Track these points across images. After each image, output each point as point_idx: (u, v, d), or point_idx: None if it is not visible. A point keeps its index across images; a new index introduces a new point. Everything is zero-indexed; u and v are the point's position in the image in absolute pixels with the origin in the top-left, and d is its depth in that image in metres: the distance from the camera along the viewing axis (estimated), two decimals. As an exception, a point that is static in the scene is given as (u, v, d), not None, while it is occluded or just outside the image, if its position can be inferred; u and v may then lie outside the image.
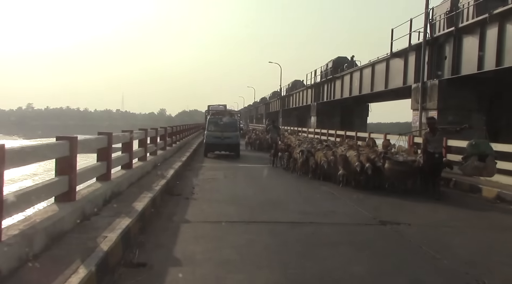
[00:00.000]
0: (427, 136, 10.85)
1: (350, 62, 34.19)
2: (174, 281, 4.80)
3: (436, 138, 10.75)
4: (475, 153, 11.03)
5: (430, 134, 10.78)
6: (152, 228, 6.96)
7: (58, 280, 3.95)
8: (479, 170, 11.12)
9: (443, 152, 11.92)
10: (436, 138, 10.77)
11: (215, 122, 21.90)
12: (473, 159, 11.03)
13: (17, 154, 4.90)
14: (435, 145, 10.70)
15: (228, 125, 21.53)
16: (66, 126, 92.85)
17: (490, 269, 5.57)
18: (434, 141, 10.70)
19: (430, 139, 10.70)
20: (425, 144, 10.80)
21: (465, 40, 17.54)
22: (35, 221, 5.01)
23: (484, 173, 11.20)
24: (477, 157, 10.95)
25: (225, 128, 21.18)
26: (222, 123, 21.64)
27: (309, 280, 4.93)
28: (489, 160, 10.90)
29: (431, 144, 10.65)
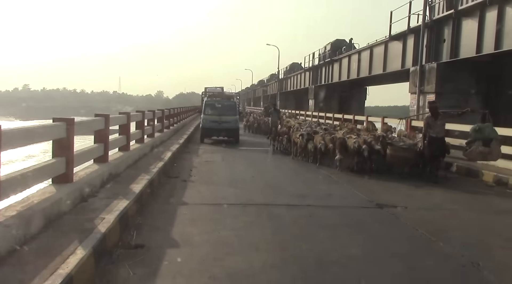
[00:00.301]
0: (428, 120, 10.69)
1: (349, 45, 33.97)
2: (171, 262, 4.82)
3: (438, 123, 10.57)
4: (480, 137, 10.84)
5: (431, 118, 10.62)
6: (149, 210, 6.98)
7: (56, 261, 3.97)
8: (484, 155, 10.97)
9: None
10: (438, 122, 10.59)
11: (212, 105, 20.14)
12: (477, 143, 10.86)
13: (14, 135, 4.88)
14: (437, 129, 10.55)
15: (226, 109, 19.89)
16: (64, 108, 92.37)
17: (485, 251, 5.63)
18: (436, 125, 10.54)
19: (431, 124, 10.55)
20: (426, 128, 10.66)
21: (464, 23, 17.40)
22: (32, 202, 5.02)
23: (489, 157, 11.05)
24: (482, 141, 10.79)
25: (223, 112, 19.58)
26: (220, 107, 19.98)
27: (306, 262, 4.97)
28: (494, 144, 10.76)
29: (432, 128, 10.52)
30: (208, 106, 20.14)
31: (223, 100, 20.75)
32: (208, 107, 20.03)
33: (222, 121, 19.13)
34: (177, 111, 25.70)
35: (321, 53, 37.96)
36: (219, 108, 19.87)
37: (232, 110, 20.10)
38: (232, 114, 19.79)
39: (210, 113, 19.66)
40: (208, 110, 19.88)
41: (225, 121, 19.20)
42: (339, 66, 32.73)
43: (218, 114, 19.38)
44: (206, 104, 20.33)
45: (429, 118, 10.71)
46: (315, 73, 39.18)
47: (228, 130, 19.27)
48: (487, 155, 10.95)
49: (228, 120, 19.29)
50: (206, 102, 20.61)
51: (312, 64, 40.26)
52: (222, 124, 19.12)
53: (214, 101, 20.52)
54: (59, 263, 3.92)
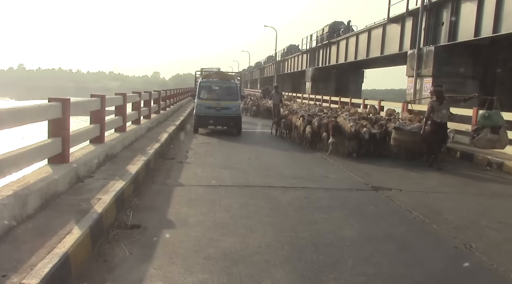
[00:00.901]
0: (433, 104, 10.33)
1: (347, 27, 33.76)
2: (167, 242, 4.86)
3: (443, 107, 10.25)
4: (488, 124, 10.58)
5: (436, 102, 10.28)
6: (145, 191, 7.01)
7: (53, 240, 3.99)
8: (492, 142, 10.70)
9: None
10: (443, 107, 10.26)
11: (208, 87, 16.58)
12: (486, 131, 10.61)
13: (9, 115, 4.86)
14: (441, 114, 10.24)
15: (226, 92, 16.47)
16: (60, 88, 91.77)
17: (477, 233, 5.69)
18: (441, 110, 10.23)
19: (436, 108, 10.24)
20: (430, 112, 10.35)
21: (463, 5, 17.30)
22: (28, 182, 5.02)
23: (498, 145, 10.75)
24: (490, 129, 10.54)
25: (222, 95, 16.24)
26: (218, 89, 16.57)
27: (301, 243, 5.01)
28: (502, 131, 10.55)
29: (436, 113, 10.23)
30: (204, 88, 16.49)
31: (221, 82, 17.13)
32: (204, 90, 16.41)
33: (221, 107, 15.69)
34: (174, 93, 25.60)
35: (318, 35, 37.74)
36: (217, 92, 16.48)
37: (233, 94, 16.53)
38: (233, 98, 16.26)
39: (205, 97, 16.19)
40: (204, 93, 16.33)
41: (225, 108, 15.75)
42: (336, 49, 32.57)
43: (216, 98, 15.98)
44: (201, 87, 16.56)
45: (434, 102, 10.35)
46: (312, 55, 39.00)
47: (228, 119, 15.85)
48: (495, 142, 10.68)
49: (228, 106, 15.81)
50: (201, 84, 16.72)
51: (309, 46, 40.06)
52: (221, 111, 15.70)
53: (211, 83, 16.92)
54: (56, 242, 3.95)
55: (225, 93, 16.46)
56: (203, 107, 15.81)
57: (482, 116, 10.79)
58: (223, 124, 16.13)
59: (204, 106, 15.79)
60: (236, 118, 15.95)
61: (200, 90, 16.41)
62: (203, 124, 16.21)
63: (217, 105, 15.69)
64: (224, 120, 15.93)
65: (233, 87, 16.94)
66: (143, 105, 13.90)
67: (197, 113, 15.93)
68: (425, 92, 18.61)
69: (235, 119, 15.94)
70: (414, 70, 19.42)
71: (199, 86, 16.66)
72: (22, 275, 3.33)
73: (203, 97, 16.18)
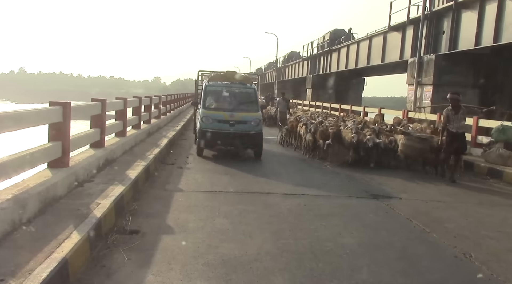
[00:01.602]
0: (448, 113, 9.75)
1: (348, 35, 33.82)
2: (166, 248, 4.84)
3: (458, 117, 9.67)
4: (502, 139, 10.14)
5: (452, 111, 9.71)
6: (145, 196, 7.00)
7: (51, 245, 3.98)
8: (503, 158, 10.31)
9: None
10: (459, 116, 9.68)
11: (217, 93, 12.30)
12: (498, 145, 10.22)
13: (9, 118, 4.86)
14: (457, 124, 9.66)
15: (241, 100, 12.34)
16: (60, 92, 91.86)
17: (477, 243, 5.67)
18: (456, 120, 9.66)
19: (451, 118, 9.66)
20: (445, 122, 9.79)
21: (464, 15, 17.35)
22: (28, 186, 5.01)
23: (509, 161, 10.25)
24: (504, 143, 10.07)
25: (237, 104, 12.01)
26: (231, 96, 12.28)
27: (300, 251, 5.00)
28: None
29: (452, 123, 9.67)
30: (211, 94, 12.24)
31: (235, 86, 12.60)
32: (211, 97, 12.18)
33: (236, 121, 11.42)
34: (174, 98, 25.63)
35: (319, 42, 37.80)
36: (230, 99, 12.24)
37: (252, 103, 12.35)
38: (252, 109, 12.06)
39: (214, 106, 11.98)
40: (211, 101, 12.12)
41: (241, 121, 11.47)
42: (337, 56, 32.63)
43: (229, 108, 11.80)
44: (206, 92, 12.20)
45: (449, 111, 9.75)
46: (313, 62, 39.06)
47: (246, 137, 11.50)
48: (507, 158, 10.23)
49: (245, 120, 11.54)
50: (208, 89, 12.28)
51: (310, 53, 40.11)
52: (236, 126, 11.41)
53: (221, 87, 12.47)
54: (54, 247, 3.94)
55: (241, 101, 12.25)
56: (211, 121, 11.35)
57: (496, 129, 10.22)
58: (238, 144, 11.76)
59: (212, 119, 11.36)
60: (256, 137, 11.50)
61: (205, 96, 12.05)
62: (210, 144, 11.60)
63: (230, 118, 11.33)
64: (239, 139, 11.46)
65: (251, 93, 12.53)
66: (144, 110, 13.90)
67: (203, 128, 11.30)
68: (425, 100, 18.64)
69: (254, 138, 11.47)
70: (415, 78, 19.44)
71: (205, 91, 12.23)
72: (20, 280, 3.31)
73: (210, 106, 11.91)
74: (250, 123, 11.53)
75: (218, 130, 11.28)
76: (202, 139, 11.46)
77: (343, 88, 36.77)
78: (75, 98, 34.07)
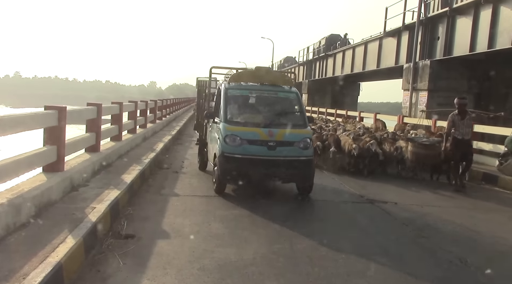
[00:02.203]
0: (454, 118, 9.35)
1: (343, 40, 33.96)
2: (162, 253, 4.82)
3: (465, 123, 9.31)
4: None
5: (458, 117, 9.32)
6: (140, 201, 6.97)
7: (46, 249, 3.96)
8: None
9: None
10: (465, 122, 9.32)
11: (244, 100, 8.41)
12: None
13: (4, 122, 4.85)
14: (463, 131, 9.30)
15: (281, 109, 8.55)
16: (56, 96, 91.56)
17: (472, 248, 5.69)
18: (462, 125, 9.30)
19: (457, 123, 9.30)
20: (450, 127, 9.40)
21: (459, 21, 17.45)
22: (22, 190, 4.99)
23: None
24: None
25: (275, 116, 8.26)
26: (264, 103, 8.50)
27: (296, 255, 5.00)
28: None
29: (458, 129, 9.31)
30: (235, 102, 8.38)
31: (269, 88, 8.66)
32: (235, 105, 8.36)
33: (276, 141, 7.65)
34: (170, 103, 25.63)
35: (315, 47, 37.93)
36: (264, 108, 8.44)
37: (295, 114, 8.55)
38: (297, 123, 8.18)
39: (242, 120, 8.08)
40: (235, 111, 8.25)
41: (284, 142, 7.72)
42: (333, 61, 32.72)
43: (264, 122, 7.95)
44: (228, 98, 8.29)
45: (455, 116, 9.35)
46: (309, 67, 39.16)
47: (292, 166, 7.68)
48: None
49: (290, 139, 7.77)
50: (230, 93, 8.37)
51: (306, 58, 40.24)
52: (278, 149, 7.64)
53: (250, 91, 8.48)
54: (49, 251, 3.92)
55: (280, 111, 8.41)
56: (239, 142, 7.55)
57: (509, 140, 9.79)
58: (280, 176, 7.73)
59: (242, 139, 7.55)
60: (306, 166, 7.71)
61: (227, 105, 8.13)
62: (237, 177, 7.65)
63: (269, 138, 7.57)
64: (283, 169, 7.62)
65: (294, 100, 8.64)
66: (139, 115, 13.88)
67: (227, 153, 7.55)
68: (420, 106, 18.70)
69: (304, 167, 7.68)
70: (410, 84, 19.51)
71: (225, 96, 8.23)
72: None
73: (235, 119, 7.99)
74: (298, 145, 7.64)
75: (252, 157, 7.43)
76: (225, 171, 7.48)
77: (339, 93, 36.89)
78: (70, 103, 33.93)
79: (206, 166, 9.65)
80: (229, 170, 7.53)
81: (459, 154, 9.41)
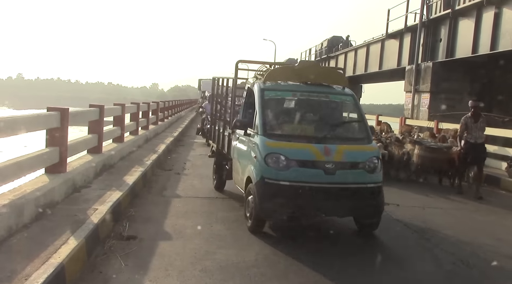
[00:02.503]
0: (467, 121, 9.04)
1: (345, 42, 33.95)
2: (163, 254, 4.82)
3: (478, 126, 8.99)
4: None
5: (471, 119, 9.02)
6: (142, 202, 6.98)
7: (48, 250, 3.96)
8: None
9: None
10: (479, 126, 9.00)
11: (289, 105, 6.62)
12: None
13: (7, 124, 4.86)
14: (476, 134, 8.97)
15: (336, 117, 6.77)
16: (58, 98, 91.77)
17: (475, 250, 5.67)
18: (475, 129, 8.98)
19: (470, 126, 8.99)
20: (463, 130, 9.09)
21: (461, 23, 17.44)
22: (25, 191, 5.00)
23: None
24: None
25: (330, 128, 6.29)
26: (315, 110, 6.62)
27: (299, 257, 4.98)
28: None
29: (470, 132, 9.00)
30: (276, 108, 6.46)
31: (318, 89, 6.56)
32: (276, 111, 6.41)
33: (336, 162, 5.57)
34: (172, 104, 25.65)
35: (317, 49, 37.94)
36: (315, 117, 6.60)
37: (354, 124, 6.69)
38: (358, 135, 6.36)
39: (284, 131, 6.11)
40: (275, 119, 6.29)
41: (345, 163, 5.67)
42: (335, 63, 32.71)
43: (318, 136, 5.99)
44: (266, 103, 6.22)
45: (468, 119, 9.05)
46: (311, 69, 39.13)
47: (355, 198, 5.68)
48: None
49: (352, 159, 5.75)
50: (267, 96, 6.30)
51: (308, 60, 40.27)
52: (338, 174, 5.54)
53: (294, 92, 6.54)
54: (51, 252, 3.92)
55: (334, 121, 6.67)
56: (285, 162, 5.54)
57: None
58: (341, 210, 5.75)
59: (288, 159, 5.54)
60: (374, 194, 5.82)
61: (265, 112, 6.17)
62: (283, 210, 5.50)
63: (325, 157, 5.60)
64: (345, 199, 5.68)
65: (350, 105, 6.87)
66: (141, 116, 13.89)
67: (268, 178, 5.53)
68: (422, 108, 18.68)
69: (372, 197, 5.81)
70: (412, 85, 19.49)
71: (261, 100, 6.23)
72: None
73: (276, 131, 6.09)
74: (364, 167, 5.70)
75: (304, 184, 5.43)
76: (266, 204, 5.46)
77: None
78: (73, 104, 33.93)
79: (224, 186, 8.04)
80: (272, 202, 5.38)
81: (469, 157, 9.13)
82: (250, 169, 5.86)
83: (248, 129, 6.21)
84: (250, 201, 5.77)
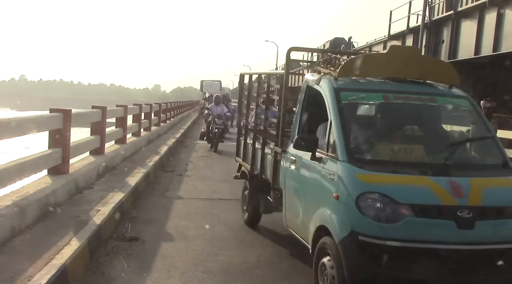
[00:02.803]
0: None
1: (348, 43, 33.90)
2: (166, 255, 4.83)
3: None
4: None
5: None
6: (145, 203, 6.98)
7: (51, 251, 3.97)
8: None
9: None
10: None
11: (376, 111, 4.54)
12: None
13: (10, 125, 4.87)
14: None
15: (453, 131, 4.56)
16: (61, 99, 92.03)
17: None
18: None
19: None
20: None
21: (464, 24, 17.42)
22: (28, 192, 5.00)
23: None
24: None
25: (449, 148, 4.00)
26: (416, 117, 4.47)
27: (302, 258, 4.97)
28: None
29: None
30: (362, 115, 4.65)
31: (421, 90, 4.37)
32: (364, 124, 4.34)
33: (472, 207, 3.39)
34: (174, 106, 25.67)
35: (319, 51, 37.91)
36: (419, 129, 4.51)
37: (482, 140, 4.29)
38: (493, 159, 4.07)
39: (382, 156, 3.86)
40: (364, 137, 4.09)
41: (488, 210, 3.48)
42: (337, 65, 32.69)
43: (432, 161, 4.00)
44: (344, 108, 4.02)
45: None
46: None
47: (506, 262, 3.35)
48: None
49: (497, 202, 3.56)
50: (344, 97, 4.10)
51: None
52: (478, 227, 3.35)
53: (385, 90, 4.29)
54: (54, 253, 3.92)
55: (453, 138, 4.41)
56: (392, 209, 3.36)
57: None
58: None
59: (398, 203, 3.36)
60: None
61: (344, 123, 3.90)
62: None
63: (455, 199, 3.43)
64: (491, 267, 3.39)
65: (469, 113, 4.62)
66: (144, 118, 13.91)
67: (365, 235, 3.34)
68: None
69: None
70: (415, 87, 19.48)
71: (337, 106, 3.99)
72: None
73: (368, 155, 3.89)
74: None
75: (427, 245, 3.39)
76: (362, 274, 3.37)
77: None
78: (75, 106, 34.00)
79: (259, 220, 6.13)
80: (373, 275, 3.35)
81: None
82: (324, 214, 3.75)
83: (317, 151, 4.02)
84: (327, 267, 3.64)
